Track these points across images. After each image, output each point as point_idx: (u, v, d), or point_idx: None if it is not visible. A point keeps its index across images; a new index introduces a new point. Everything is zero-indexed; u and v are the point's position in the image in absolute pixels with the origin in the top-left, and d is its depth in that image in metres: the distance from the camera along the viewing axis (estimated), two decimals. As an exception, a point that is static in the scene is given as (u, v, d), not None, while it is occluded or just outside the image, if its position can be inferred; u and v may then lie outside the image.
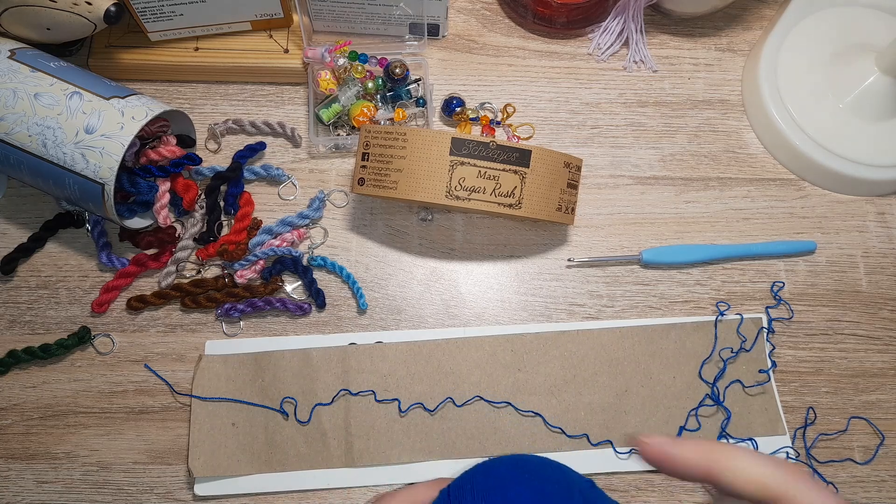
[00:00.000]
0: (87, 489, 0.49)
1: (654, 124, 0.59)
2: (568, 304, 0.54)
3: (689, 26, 0.63)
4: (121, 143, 0.47)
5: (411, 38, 0.59)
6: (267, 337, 0.52)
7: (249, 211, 0.54)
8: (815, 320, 0.54)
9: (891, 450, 0.51)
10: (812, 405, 0.52)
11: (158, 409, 0.50)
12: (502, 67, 0.61)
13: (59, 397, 0.51)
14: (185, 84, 0.59)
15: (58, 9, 0.48)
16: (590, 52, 0.62)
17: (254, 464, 0.48)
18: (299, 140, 0.57)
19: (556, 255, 0.55)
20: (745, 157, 0.59)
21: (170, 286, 0.52)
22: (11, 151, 0.48)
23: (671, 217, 0.57)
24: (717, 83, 0.61)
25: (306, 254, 0.54)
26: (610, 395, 0.51)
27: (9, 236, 0.54)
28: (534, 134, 0.59)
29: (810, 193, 0.58)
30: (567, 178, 0.49)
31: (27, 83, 0.47)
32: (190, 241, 0.53)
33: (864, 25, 0.60)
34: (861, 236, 0.57)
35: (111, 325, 0.52)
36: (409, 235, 0.55)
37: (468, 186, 0.46)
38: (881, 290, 0.55)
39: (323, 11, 0.56)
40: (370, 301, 0.53)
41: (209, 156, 0.57)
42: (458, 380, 0.50)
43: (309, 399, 0.49)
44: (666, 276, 0.55)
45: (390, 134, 0.48)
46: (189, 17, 0.55)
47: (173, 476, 0.49)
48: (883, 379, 0.53)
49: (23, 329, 0.52)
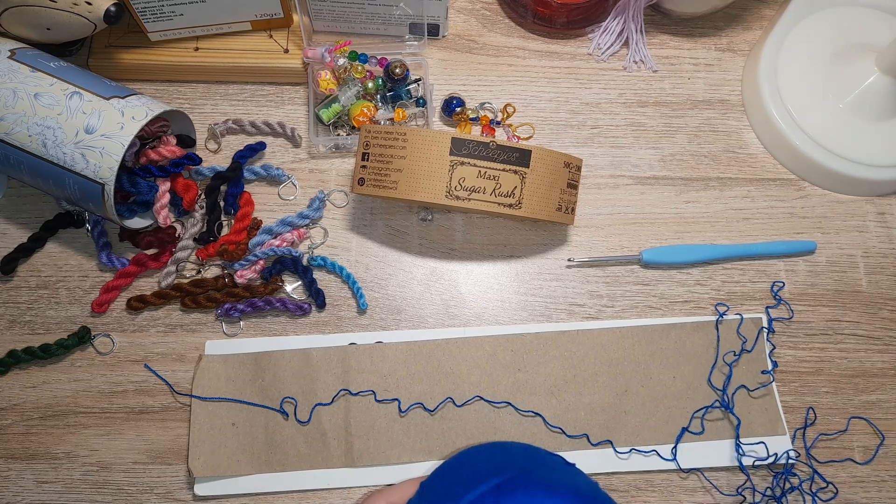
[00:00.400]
0: (87, 489, 0.49)
1: (654, 124, 0.59)
2: (568, 304, 0.54)
3: (689, 26, 0.63)
4: (121, 143, 0.47)
5: (411, 38, 0.59)
6: (267, 337, 0.52)
7: (249, 211, 0.54)
8: (815, 320, 0.54)
9: (891, 450, 0.51)
10: (812, 405, 0.52)
11: (158, 409, 0.50)
12: (502, 67, 0.61)
13: (59, 397, 0.51)
14: (185, 84, 0.59)
15: (58, 9, 0.48)
16: (590, 52, 0.62)
17: (254, 464, 0.48)
18: (299, 140, 0.57)
19: (556, 255, 0.55)
20: (745, 157, 0.59)
21: (170, 286, 0.52)
22: (11, 151, 0.48)
23: (671, 217, 0.57)
24: (717, 83, 0.61)
25: (306, 254, 0.54)
26: (610, 395, 0.51)
27: (9, 236, 0.54)
28: (534, 134, 0.59)
29: (810, 193, 0.58)
30: (567, 178, 0.49)
31: (27, 83, 0.47)
32: (190, 241, 0.53)
33: (864, 25, 0.60)
34: (861, 236, 0.57)
35: (111, 325, 0.52)
36: (409, 235, 0.55)
37: (468, 186, 0.46)
38: (881, 290, 0.55)
39: (323, 11, 0.56)
40: (370, 301, 0.53)
41: (209, 156, 0.57)
42: (458, 380, 0.50)
43: (309, 399, 0.49)
44: (666, 276, 0.55)
45: (390, 134, 0.48)
46: (189, 17, 0.55)
47: (173, 476, 0.49)
48: (883, 379, 0.53)
49: (23, 329, 0.52)
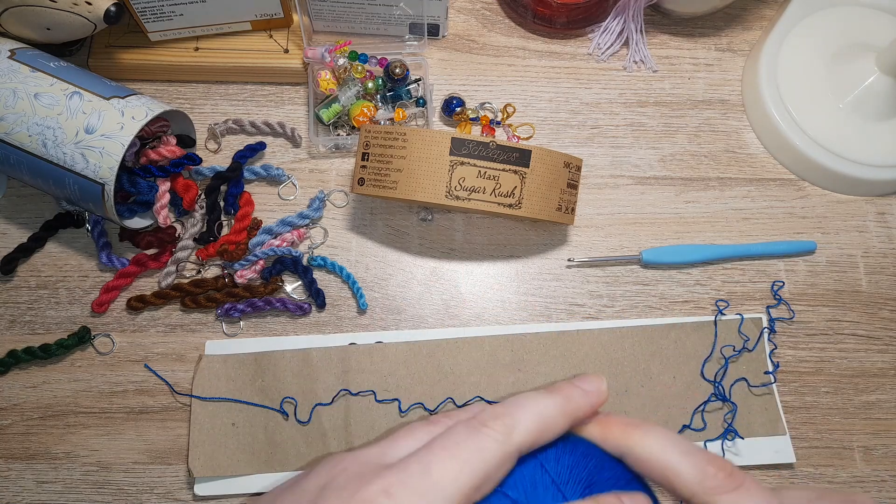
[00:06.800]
0: (87, 489, 0.49)
1: (654, 124, 0.59)
2: (568, 304, 0.54)
3: (689, 26, 0.63)
4: (121, 143, 0.47)
5: (411, 38, 0.59)
6: (267, 337, 0.52)
7: (249, 211, 0.54)
8: (815, 320, 0.54)
9: (891, 450, 0.51)
10: (812, 405, 0.52)
11: (158, 409, 0.50)
12: (502, 67, 0.61)
13: (59, 397, 0.51)
14: (185, 84, 0.59)
15: (58, 9, 0.48)
16: (590, 52, 0.62)
17: (254, 464, 0.48)
18: (299, 140, 0.57)
19: (556, 255, 0.55)
20: (745, 157, 0.59)
21: (170, 286, 0.52)
22: (11, 151, 0.48)
23: (671, 217, 0.57)
24: (717, 83, 0.61)
25: (306, 254, 0.54)
26: (610, 395, 0.50)
27: (9, 236, 0.54)
28: (534, 134, 0.59)
29: (810, 193, 0.58)
30: (567, 178, 0.49)
31: (27, 83, 0.47)
32: (190, 241, 0.53)
33: (864, 25, 0.60)
34: (861, 236, 0.57)
35: (111, 325, 0.52)
36: (409, 235, 0.55)
37: (468, 186, 0.46)
38: (881, 290, 0.55)
39: (323, 11, 0.56)
40: (370, 301, 0.53)
41: (209, 156, 0.57)
42: (458, 380, 0.50)
43: (309, 399, 0.49)
44: (666, 276, 0.55)
45: (390, 134, 0.48)
46: (189, 17, 0.55)
47: (173, 476, 0.49)
48: (883, 379, 0.53)
49: (23, 329, 0.52)
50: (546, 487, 0.33)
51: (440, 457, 0.29)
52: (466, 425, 0.31)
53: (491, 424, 0.30)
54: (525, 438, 0.31)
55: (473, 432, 0.30)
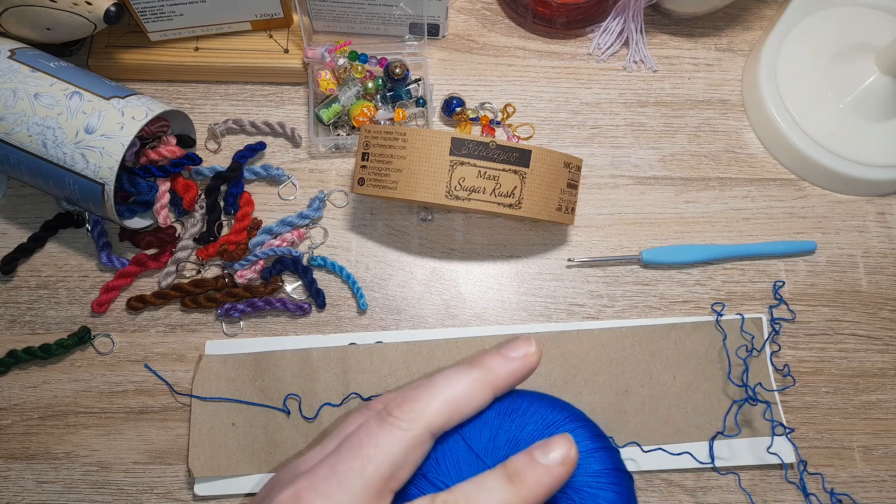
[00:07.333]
0: (87, 489, 0.49)
1: (654, 124, 0.59)
2: (568, 304, 0.54)
3: (689, 26, 0.63)
4: (121, 143, 0.47)
5: (411, 38, 0.59)
6: (267, 337, 0.52)
7: (249, 211, 0.54)
8: (815, 320, 0.54)
9: (891, 450, 0.51)
10: (812, 405, 0.52)
11: (158, 409, 0.50)
12: (502, 67, 0.61)
13: (59, 397, 0.51)
14: (185, 84, 0.59)
15: (58, 9, 0.48)
16: (590, 52, 0.62)
17: (254, 464, 0.48)
18: (299, 140, 0.57)
19: (556, 255, 0.55)
20: (745, 157, 0.59)
21: (170, 286, 0.52)
22: (11, 151, 0.48)
23: (671, 217, 0.57)
24: (717, 83, 0.61)
25: (306, 254, 0.54)
26: (610, 395, 0.51)
27: (9, 236, 0.54)
28: (534, 134, 0.59)
29: (810, 193, 0.58)
30: (567, 178, 0.49)
31: (27, 83, 0.47)
32: (190, 241, 0.53)
33: (864, 25, 0.60)
34: (861, 236, 0.57)
35: (111, 325, 0.52)
36: (409, 235, 0.55)
37: (468, 186, 0.46)
38: (881, 290, 0.55)
39: (323, 11, 0.56)
40: (370, 301, 0.53)
41: (209, 156, 0.57)
42: (458, 380, 0.50)
43: (309, 399, 0.49)
44: (666, 276, 0.55)
45: (390, 134, 0.48)
46: (189, 17, 0.55)
47: (173, 476, 0.49)
48: (883, 379, 0.53)
49: (23, 329, 0.52)
50: (470, 463, 0.34)
51: (344, 456, 0.31)
52: (377, 417, 0.32)
53: (397, 413, 0.32)
54: (434, 420, 0.32)
55: (379, 424, 0.32)
